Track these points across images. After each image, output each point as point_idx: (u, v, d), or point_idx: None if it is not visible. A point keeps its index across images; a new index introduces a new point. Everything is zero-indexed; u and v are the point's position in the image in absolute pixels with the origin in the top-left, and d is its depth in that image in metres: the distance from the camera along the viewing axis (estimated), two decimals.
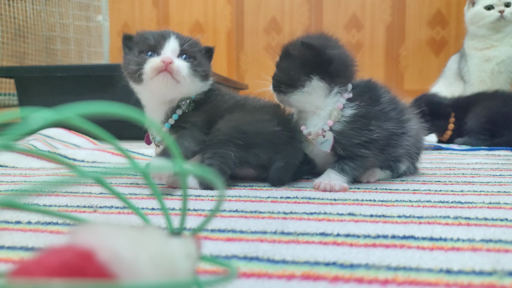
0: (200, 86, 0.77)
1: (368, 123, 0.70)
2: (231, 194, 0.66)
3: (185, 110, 0.75)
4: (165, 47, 0.72)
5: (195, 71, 0.74)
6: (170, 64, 0.69)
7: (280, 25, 3.09)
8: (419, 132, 0.82)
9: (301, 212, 0.54)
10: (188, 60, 0.73)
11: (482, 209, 0.55)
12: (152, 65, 0.70)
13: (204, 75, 0.76)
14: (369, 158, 0.71)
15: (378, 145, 0.71)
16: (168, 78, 0.70)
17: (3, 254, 0.39)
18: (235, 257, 0.37)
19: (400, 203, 0.58)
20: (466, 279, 0.33)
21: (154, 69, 0.70)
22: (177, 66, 0.70)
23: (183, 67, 0.71)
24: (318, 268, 0.35)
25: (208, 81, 0.79)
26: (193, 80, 0.74)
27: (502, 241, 0.41)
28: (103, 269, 0.20)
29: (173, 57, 0.70)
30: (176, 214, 0.53)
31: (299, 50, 0.71)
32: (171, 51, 0.71)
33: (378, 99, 0.72)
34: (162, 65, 0.69)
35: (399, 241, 0.42)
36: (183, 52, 0.73)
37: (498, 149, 1.28)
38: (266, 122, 0.74)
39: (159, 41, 0.72)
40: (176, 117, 0.75)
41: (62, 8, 2.25)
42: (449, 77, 2.32)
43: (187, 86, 0.73)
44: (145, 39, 0.73)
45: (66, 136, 1.24)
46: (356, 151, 0.70)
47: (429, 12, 3.01)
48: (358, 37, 3.02)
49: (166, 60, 0.69)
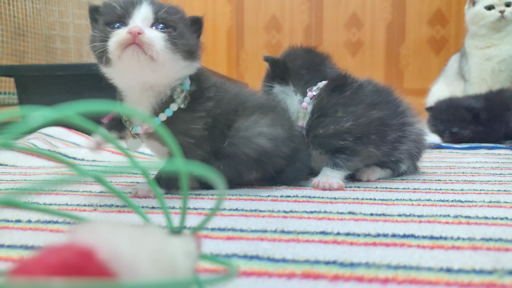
0: (183, 66, 0.61)
1: (330, 111, 0.70)
2: (231, 192, 0.66)
3: (180, 105, 0.63)
4: (134, 15, 0.57)
5: (174, 45, 0.58)
6: (139, 35, 0.54)
7: (280, 23, 3.09)
8: (421, 131, 0.82)
9: (301, 211, 0.54)
10: (165, 30, 0.58)
11: (482, 207, 0.55)
12: (117, 38, 0.55)
13: (187, 50, 0.60)
14: (358, 148, 0.70)
15: (358, 133, 0.69)
16: (138, 53, 0.55)
17: (3, 253, 0.39)
18: (235, 256, 0.37)
19: (400, 202, 0.58)
20: (466, 278, 0.33)
21: (119, 43, 0.55)
22: (148, 37, 0.55)
23: (157, 38, 0.56)
24: (318, 267, 0.35)
25: (195, 62, 0.64)
26: (173, 56, 0.59)
27: (502, 240, 0.41)
28: (103, 267, 0.20)
29: (143, 27, 0.56)
30: (176, 213, 0.53)
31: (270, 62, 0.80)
32: (142, 20, 0.57)
33: (344, 87, 0.73)
34: (128, 37, 0.55)
35: (399, 240, 0.42)
36: (158, 21, 0.58)
37: (498, 148, 1.28)
38: (291, 126, 0.72)
39: (127, 9, 0.58)
40: (170, 112, 0.62)
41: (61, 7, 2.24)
42: (450, 76, 2.32)
43: (166, 65, 0.58)
44: (112, 8, 0.59)
45: (66, 134, 1.24)
46: (335, 143, 0.70)
47: (429, 10, 3.01)
48: (359, 36, 3.02)
49: (134, 30, 0.54)
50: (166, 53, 0.58)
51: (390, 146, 0.74)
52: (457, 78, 2.27)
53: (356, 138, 0.69)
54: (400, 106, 0.77)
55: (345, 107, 0.70)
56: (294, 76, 0.77)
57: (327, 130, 0.70)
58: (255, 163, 0.66)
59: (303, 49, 0.82)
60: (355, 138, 0.69)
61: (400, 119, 0.75)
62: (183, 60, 0.61)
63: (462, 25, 2.35)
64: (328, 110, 0.71)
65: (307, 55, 0.80)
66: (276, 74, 0.79)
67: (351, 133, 0.69)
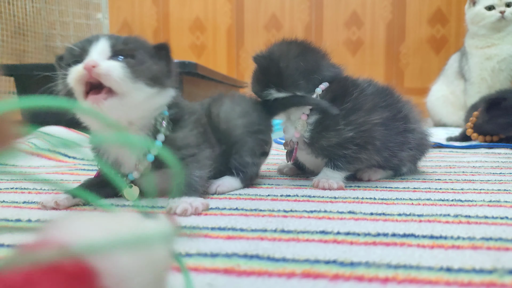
0: (151, 94, 0.57)
1: (333, 124, 0.68)
2: (232, 192, 0.66)
3: (166, 133, 0.60)
4: (90, 52, 0.55)
5: (135, 72, 0.55)
6: (94, 68, 0.51)
7: (281, 22, 3.08)
8: (424, 134, 0.80)
9: (301, 210, 0.54)
10: (123, 60, 0.55)
11: (483, 207, 0.55)
12: (73, 74, 0.53)
13: (151, 77, 0.57)
14: (360, 155, 0.69)
15: (360, 141, 0.68)
16: (98, 99, 0.53)
17: (2, 252, 0.39)
18: (236, 255, 0.37)
19: (400, 201, 0.58)
20: (467, 277, 0.33)
21: (76, 79, 0.53)
22: (104, 68, 0.52)
23: (113, 67, 0.53)
24: (318, 266, 0.35)
25: (166, 89, 0.60)
26: (135, 85, 0.55)
27: (502, 239, 0.41)
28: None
29: (99, 60, 0.53)
30: None
31: (258, 62, 0.74)
32: (99, 53, 0.54)
33: (345, 97, 0.69)
34: (84, 72, 0.52)
35: (399, 239, 0.42)
36: (117, 52, 0.55)
37: (498, 147, 1.28)
38: None
39: (84, 48, 0.55)
40: (160, 143, 0.59)
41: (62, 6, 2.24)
42: (450, 75, 2.32)
43: (130, 95, 0.55)
44: (70, 50, 0.57)
45: (66, 134, 1.23)
46: (338, 152, 0.69)
47: (430, 10, 3.00)
48: (359, 35, 3.02)
49: (88, 64, 0.51)
50: (127, 82, 0.54)
51: (391, 152, 0.73)
52: (457, 77, 2.27)
53: (358, 145, 0.68)
54: (402, 111, 0.74)
55: (346, 117, 0.68)
56: (290, 83, 0.71)
57: (330, 143, 0.69)
58: None
59: (297, 47, 0.75)
60: (357, 145, 0.68)
61: (402, 125, 0.73)
62: (148, 87, 0.57)
63: (462, 24, 2.35)
64: (330, 122, 0.68)
65: (303, 56, 0.73)
66: (268, 79, 0.73)
67: (353, 142, 0.68)
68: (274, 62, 0.73)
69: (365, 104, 0.69)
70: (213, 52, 3.11)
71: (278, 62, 0.72)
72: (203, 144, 0.63)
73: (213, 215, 0.52)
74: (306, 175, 0.81)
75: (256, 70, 0.76)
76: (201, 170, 0.61)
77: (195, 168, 0.60)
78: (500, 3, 2.02)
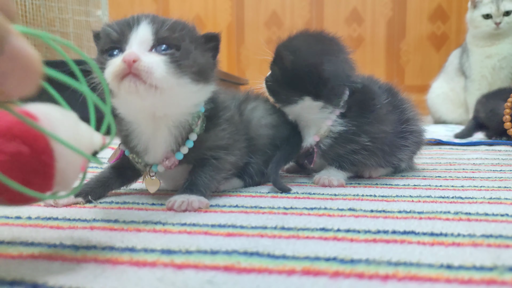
0: (194, 90, 0.54)
1: (358, 136, 0.68)
2: (231, 189, 0.66)
3: (198, 132, 0.57)
4: (130, 39, 0.50)
5: (179, 67, 0.50)
6: (134, 64, 0.47)
7: (281, 19, 3.08)
8: (421, 130, 0.81)
9: (301, 208, 0.53)
10: (167, 52, 0.50)
11: (483, 204, 0.54)
12: (112, 68, 0.49)
13: (196, 72, 0.52)
14: (361, 161, 0.70)
15: (373, 146, 0.69)
16: (136, 83, 0.48)
17: (2, 249, 0.39)
18: (236, 252, 0.37)
19: (401, 198, 0.58)
20: (467, 275, 0.33)
21: (114, 74, 0.48)
22: (145, 64, 0.47)
23: (156, 63, 0.49)
24: (319, 263, 0.35)
25: (209, 84, 0.57)
26: (179, 81, 0.51)
27: (502, 237, 0.41)
28: None
29: (139, 52, 0.48)
30: None
31: (293, 64, 0.66)
32: (140, 43, 0.50)
33: (370, 108, 0.69)
34: (123, 67, 0.47)
35: (399, 236, 0.42)
36: (160, 41, 0.50)
37: (499, 144, 1.28)
38: None
39: (123, 33, 0.51)
40: (191, 144, 0.56)
41: (61, 3, 2.24)
42: (450, 72, 2.31)
43: (172, 92, 0.51)
44: (107, 34, 0.52)
45: None
46: (349, 157, 0.70)
47: (430, 6, 3.00)
48: (359, 32, 3.01)
49: (128, 58, 0.47)
50: (170, 79, 0.50)
51: (393, 152, 0.74)
52: (458, 74, 2.26)
53: (369, 151, 0.69)
54: (404, 113, 0.75)
55: (365, 128, 0.68)
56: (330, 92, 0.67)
57: (346, 151, 0.69)
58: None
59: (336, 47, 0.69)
60: (368, 151, 0.69)
61: (404, 127, 0.74)
62: (193, 84, 0.53)
63: (463, 21, 2.34)
64: (353, 136, 0.68)
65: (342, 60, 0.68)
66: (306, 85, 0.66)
67: (366, 148, 0.69)
68: (316, 68, 0.65)
69: (382, 115, 0.70)
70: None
71: (321, 66, 0.65)
72: (232, 146, 0.60)
73: (213, 212, 0.52)
74: (307, 173, 0.81)
75: (289, 73, 0.67)
76: (218, 174, 0.59)
77: (212, 170, 0.58)
78: (497, 13, 1.99)
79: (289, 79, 0.68)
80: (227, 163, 0.60)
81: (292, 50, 0.68)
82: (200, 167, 0.58)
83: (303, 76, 0.66)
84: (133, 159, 0.59)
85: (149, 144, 0.57)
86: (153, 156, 0.57)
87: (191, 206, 0.52)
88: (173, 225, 0.46)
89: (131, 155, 0.59)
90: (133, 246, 0.39)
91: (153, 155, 0.57)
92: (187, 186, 0.56)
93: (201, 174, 0.57)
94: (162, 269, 0.34)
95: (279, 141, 0.70)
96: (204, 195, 0.55)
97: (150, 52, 0.50)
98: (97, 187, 0.59)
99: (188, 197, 0.53)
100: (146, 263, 0.35)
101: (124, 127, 0.58)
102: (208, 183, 0.57)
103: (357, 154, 0.69)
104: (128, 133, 0.58)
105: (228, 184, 0.66)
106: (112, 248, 0.39)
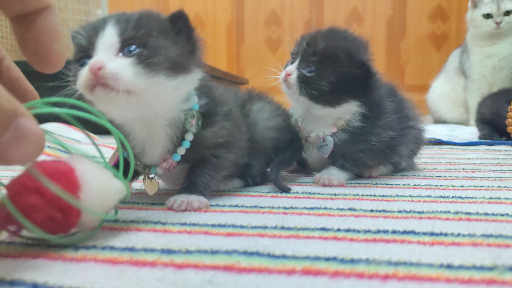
0: (175, 84, 0.50)
1: (370, 136, 0.69)
2: (231, 189, 0.66)
3: (194, 131, 0.55)
4: (97, 45, 0.47)
5: (149, 66, 0.47)
6: (99, 71, 0.45)
7: (281, 18, 3.07)
8: (420, 129, 0.82)
9: (301, 207, 0.53)
10: (136, 51, 0.47)
11: (483, 204, 0.54)
12: (81, 80, 0.47)
13: (170, 66, 0.49)
14: (366, 160, 0.71)
15: (375, 150, 0.71)
16: (106, 92, 0.46)
17: (2, 249, 0.39)
18: (236, 252, 0.37)
19: (401, 198, 0.58)
20: (467, 274, 0.33)
21: (84, 86, 0.46)
22: (109, 71, 0.45)
23: (122, 67, 0.46)
24: (319, 263, 0.35)
25: (191, 73, 0.53)
26: (152, 80, 0.48)
27: (502, 236, 0.41)
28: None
29: (105, 58, 0.46)
30: None
31: (348, 65, 0.66)
32: (106, 48, 0.47)
33: (385, 111, 0.71)
34: (90, 77, 0.45)
35: (399, 236, 0.42)
36: (127, 42, 0.47)
37: (499, 144, 1.28)
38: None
39: (91, 39, 0.48)
40: (188, 144, 0.55)
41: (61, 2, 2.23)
42: (450, 72, 2.31)
43: (149, 93, 0.48)
44: (77, 42, 0.50)
45: (66, 131, 1.23)
46: (355, 157, 0.71)
47: (430, 6, 3.00)
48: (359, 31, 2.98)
49: (93, 67, 0.45)
50: (141, 81, 0.47)
51: (393, 151, 0.74)
52: (458, 74, 2.26)
53: (374, 151, 0.70)
54: (404, 111, 0.76)
55: (380, 134, 0.70)
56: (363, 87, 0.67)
57: (357, 149, 0.70)
58: None
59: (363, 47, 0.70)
60: (373, 151, 0.70)
61: (403, 124, 0.75)
62: (170, 79, 0.49)
63: (463, 20, 2.34)
64: (368, 135, 0.70)
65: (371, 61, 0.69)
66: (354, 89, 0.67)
67: (372, 149, 0.70)
68: (367, 68, 0.66)
69: (390, 121, 0.71)
70: (213, 48, 3.11)
71: (369, 66, 0.66)
72: (232, 143, 0.59)
73: (213, 212, 0.52)
74: (307, 172, 0.81)
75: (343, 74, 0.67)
76: (218, 173, 0.58)
77: (212, 169, 0.57)
78: (498, 12, 1.99)
79: (342, 80, 0.67)
80: (227, 161, 0.59)
81: (343, 51, 0.67)
82: (200, 166, 0.57)
83: (357, 77, 0.67)
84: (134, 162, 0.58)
85: (146, 146, 0.55)
86: (151, 157, 0.56)
87: (190, 206, 0.52)
88: (173, 225, 0.46)
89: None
90: (133, 245, 0.39)
91: (150, 156, 0.56)
92: (186, 186, 0.55)
93: (201, 174, 0.57)
94: (162, 268, 0.34)
95: (282, 144, 0.70)
96: (204, 195, 0.55)
97: (117, 56, 0.47)
98: None
99: (188, 197, 0.53)
100: (146, 263, 0.35)
101: (120, 130, 0.56)
102: (207, 183, 0.56)
103: (363, 153, 0.70)
104: (124, 135, 0.56)
105: (229, 184, 0.66)
106: (112, 247, 0.39)
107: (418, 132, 0.80)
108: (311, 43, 0.69)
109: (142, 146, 0.56)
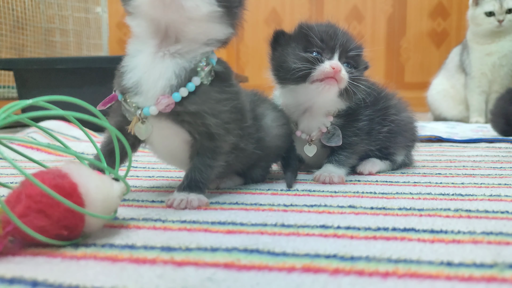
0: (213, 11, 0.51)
1: (359, 114, 0.74)
2: (232, 186, 0.66)
3: (204, 80, 0.52)
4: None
5: None
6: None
7: (281, 17, 3.07)
8: (410, 120, 0.83)
9: (301, 205, 0.53)
10: None
11: (483, 201, 0.54)
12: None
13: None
14: (358, 145, 0.74)
15: (365, 130, 0.74)
16: None
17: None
18: (236, 250, 0.37)
19: (401, 196, 0.58)
20: (467, 272, 0.33)
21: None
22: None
23: None
24: (319, 260, 0.35)
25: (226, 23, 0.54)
26: None
27: (503, 234, 0.41)
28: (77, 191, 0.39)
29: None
30: None
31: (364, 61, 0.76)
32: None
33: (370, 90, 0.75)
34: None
35: (399, 233, 0.42)
36: None
37: (499, 141, 1.28)
38: None
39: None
40: (193, 87, 0.51)
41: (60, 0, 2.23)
42: (451, 69, 2.30)
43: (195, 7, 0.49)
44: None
45: (65, 128, 1.23)
46: (348, 139, 0.73)
47: (430, 3, 2.99)
48: (359, 29, 3.00)
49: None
50: None
51: (384, 140, 0.77)
52: (458, 71, 2.26)
53: (363, 132, 0.74)
54: (388, 100, 0.79)
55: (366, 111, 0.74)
56: None
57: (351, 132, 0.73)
58: None
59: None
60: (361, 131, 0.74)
61: (388, 115, 0.77)
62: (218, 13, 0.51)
63: (463, 18, 2.34)
64: (353, 112, 0.74)
65: None
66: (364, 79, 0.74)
67: (362, 130, 0.74)
68: None
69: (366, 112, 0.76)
70: None
71: None
72: (232, 126, 0.55)
73: (213, 209, 0.52)
74: (307, 169, 0.81)
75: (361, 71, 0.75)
76: (216, 160, 0.55)
77: (209, 157, 0.54)
78: (500, 10, 1.99)
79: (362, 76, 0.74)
80: (225, 143, 0.55)
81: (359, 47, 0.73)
82: (197, 157, 0.55)
83: None
84: (124, 102, 0.53)
85: (149, 76, 0.51)
86: (146, 94, 0.51)
87: (190, 205, 0.52)
88: (173, 222, 0.46)
89: (123, 98, 0.53)
90: (133, 243, 0.39)
91: (146, 93, 0.51)
92: (186, 184, 0.55)
93: (199, 166, 0.55)
94: (162, 266, 0.34)
95: (284, 152, 0.72)
96: (204, 192, 0.55)
97: None
98: None
99: (188, 196, 0.53)
100: (146, 260, 0.35)
101: (123, 64, 0.54)
102: (206, 175, 0.55)
103: (356, 135, 0.73)
104: (125, 70, 0.53)
105: (229, 181, 0.66)
106: (112, 245, 0.39)
107: (407, 121, 0.81)
108: (344, 38, 0.70)
109: (143, 76, 0.52)
